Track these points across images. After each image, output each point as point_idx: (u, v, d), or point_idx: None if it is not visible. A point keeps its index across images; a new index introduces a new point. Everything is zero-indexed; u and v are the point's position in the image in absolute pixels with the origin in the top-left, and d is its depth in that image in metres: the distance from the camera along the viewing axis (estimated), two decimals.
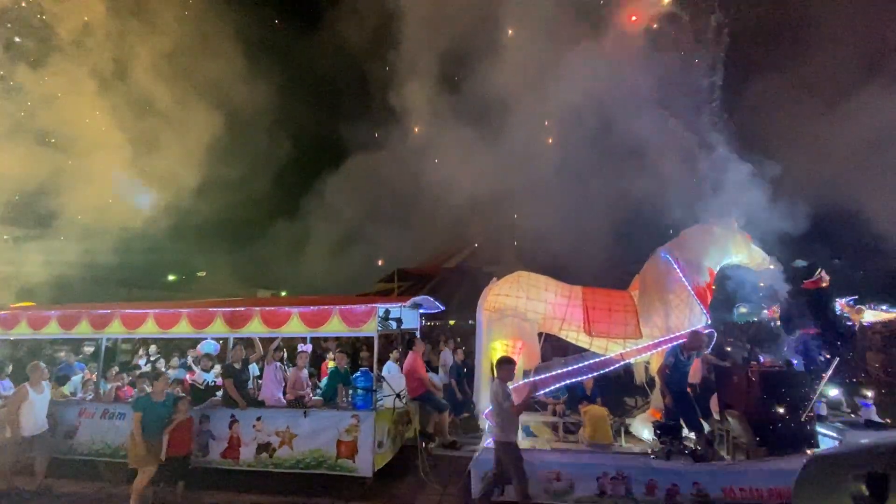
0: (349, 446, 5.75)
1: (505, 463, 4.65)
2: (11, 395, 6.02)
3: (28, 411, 5.91)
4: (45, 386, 6.24)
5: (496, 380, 4.82)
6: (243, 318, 6.41)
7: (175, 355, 8.80)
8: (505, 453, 4.65)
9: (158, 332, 6.73)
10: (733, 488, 4.82)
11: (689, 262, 6.15)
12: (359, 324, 6.07)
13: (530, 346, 6.21)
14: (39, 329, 7.09)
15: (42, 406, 6.09)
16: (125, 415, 6.47)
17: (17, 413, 5.82)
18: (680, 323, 5.87)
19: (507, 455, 4.62)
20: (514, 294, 6.41)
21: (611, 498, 5.02)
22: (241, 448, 6.03)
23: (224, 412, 6.18)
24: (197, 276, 30.03)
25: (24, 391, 5.93)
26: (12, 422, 5.80)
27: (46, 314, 7.12)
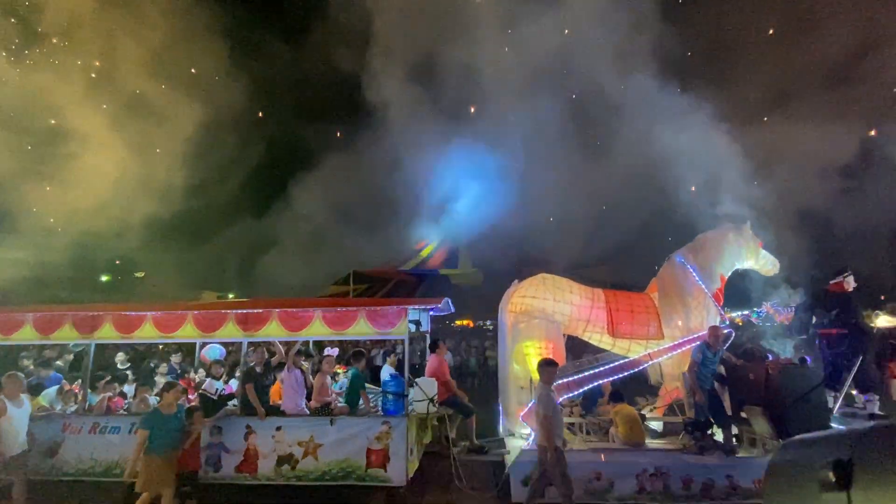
0: (380, 455, 5.49)
1: (550, 467, 4.62)
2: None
3: (7, 428, 5.17)
4: (25, 399, 5.49)
5: (541, 383, 4.80)
6: (259, 321, 5.99)
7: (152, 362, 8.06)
8: (550, 458, 4.63)
9: (159, 336, 6.14)
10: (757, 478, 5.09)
11: (703, 267, 6.47)
12: (388, 326, 5.84)
13: (558, 347, 6.27)
14: (9, 334, 6.25)
15: (22, 422, 5.34)
16: (119, 428, 5.86)
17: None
18: (699, 324, 6.16)
19: (553, 459, 4.60)
20: (542, 296, 6.47)
21: (650, 494, 5.15)
22: (258, 461, 5.60)
23: (238, 422, 5.72)
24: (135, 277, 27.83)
25: (2, 405, 5.19)
26: None
27: (19, 317, 6.29)
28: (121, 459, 5.71)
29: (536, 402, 4.68)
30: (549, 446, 4.48)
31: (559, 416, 4.66)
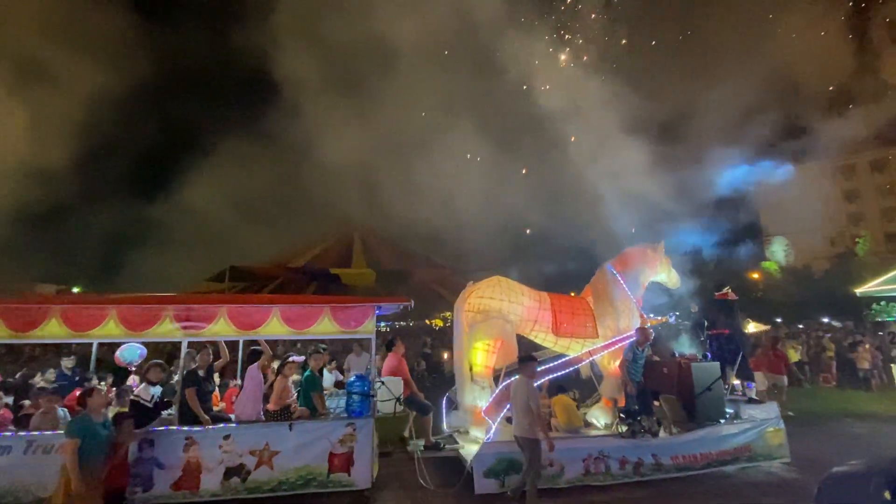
0: (343, 458, 5.30)
1: (530, 456, 4.97)
2: None
3: None
4: None
5: (522, 377, 5.14)
6: (204, 318, 5.34)
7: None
8: (530, 448, 4.98)
9: (69, 334, 5.10)
10: (678, 456, 6.05)
11: (629, 276, 7.46)
12: (355, 324, 5.67)
13: (510, 345, 6.67)
14: None
15: None
16: (9, 449, 4.73)
17: None
18: (627, 325, 7.08)
19: (532, 449, 4.96)
20: (497, 297, 6.82)
21: (594, 475, 5.78)
22: (201, 476, 4.98)
23: (175, 433, 5.02)
24: None
25: None
26: None
27: None
28: (13, 486, 4.64)
29: (525, 397, 4.96)
30: (544, 435, 4.82)
31: (536, 409, 5.01)
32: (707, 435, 6.18)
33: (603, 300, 7.27)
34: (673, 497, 5.45)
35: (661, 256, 7.72)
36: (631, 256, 7.66)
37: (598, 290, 7.44)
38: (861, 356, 12.44)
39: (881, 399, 10.93)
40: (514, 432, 5.15)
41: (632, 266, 7.56)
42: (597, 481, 5.76)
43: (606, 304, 7.23)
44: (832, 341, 14.45)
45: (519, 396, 5.09)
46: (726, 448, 6.22)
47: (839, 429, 8.36)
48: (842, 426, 8.55)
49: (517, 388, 5.15)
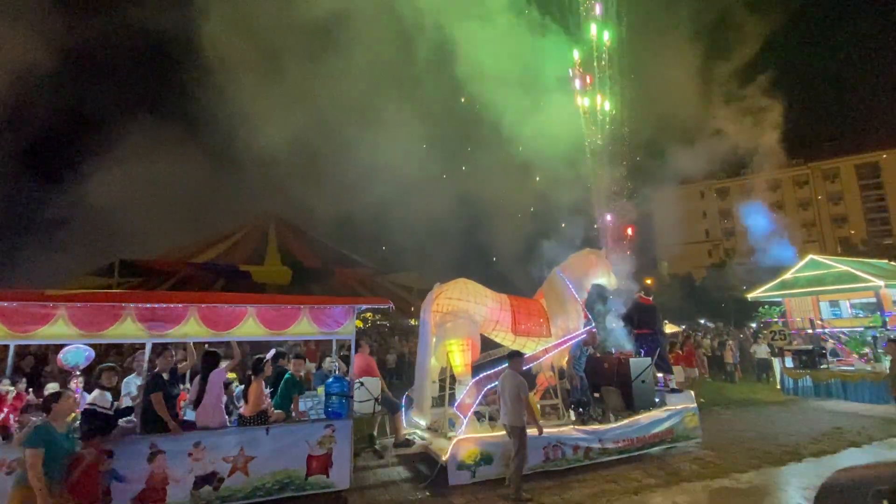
0: (322, 460, 5.25)
1: (516, 445, 5.37)
2: None
3: None
4: None
5: (510, 371, 5.53)
6: (172, 318, 4.97)
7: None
8: (517, 436, 5.38)
9: (8, 335, 4.44)
10: (619, 440, 6.88)
11: (577, 280, 8.26)
12: (335, 325, 5.64)
13: (477, 344, 7.07)
14: None
15: None
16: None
17: None
18: (575, 325, 7.84)
19: (520, 437, 5.37)
20: (465, 298, 7.17)
21: (553, 461, 6.36)
22: (168, 486, 4.64)
23: (137, 443, 4.62)
24: None
25: None
26: None
27: None
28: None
29: (515, 388, 5.35)
30: (535, 424, 5.23)
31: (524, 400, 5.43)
32: (642, 421, 7.11)
33: (554, 302, 7.96)
34: (618, 476, 6.21)
35: (603, 261, 8.64)
36: (578, 262, 8.47)
37: (549, 293, 8.13)
38: (727, 353, 14.89)
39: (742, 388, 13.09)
40: (504, 421, 5.53)
41: (578, 271, 8.37)
42: (555, 466, 6.35)
43: (557, 306, 7.93)
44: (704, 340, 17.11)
45: (508, 388, 5.48)
46: (656, 431, 7.19)
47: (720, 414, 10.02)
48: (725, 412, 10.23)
49: (506, 380, 5.53)
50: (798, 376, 10.89)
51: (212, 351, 5.27)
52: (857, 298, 11.58)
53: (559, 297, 7.99)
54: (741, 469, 6.30)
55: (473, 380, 6.64)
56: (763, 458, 6.75)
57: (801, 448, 7.19)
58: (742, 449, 7.23)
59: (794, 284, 12.34)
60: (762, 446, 7.32)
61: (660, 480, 5.95)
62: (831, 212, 55.87)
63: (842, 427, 8.41)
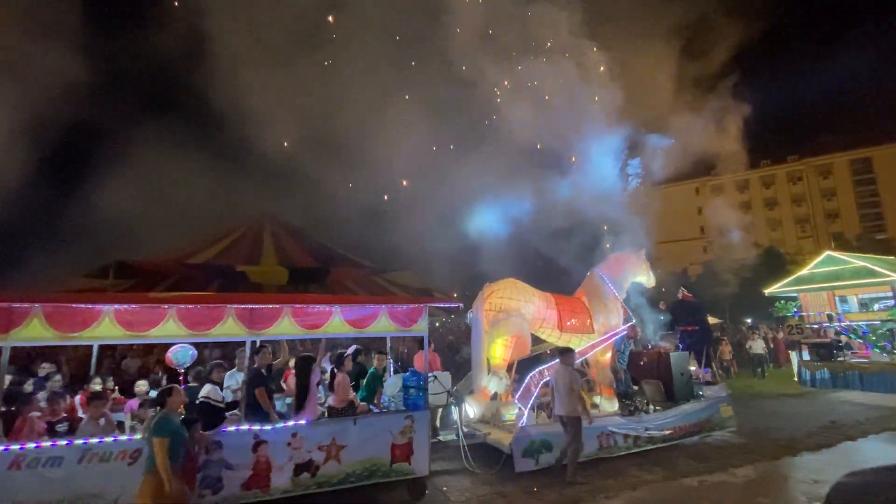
0: (404, 449, 5.64)
1: (572, 434, 5.80)
2: None
3: None
4: None
5: (563, 365, 5.95)
6: (268, 317, 5.33)
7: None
8: (572, 426, 5.81)
9: (125, 335, 4.77)
10: (664, 429, 7.35)
11: (615, 280, 8.70)
12: (409, 323, 6.02)
13: (525, 341, 7.50)
14: None
15: None
16: (60, 459, 4.36)
17: None
18: (616, 322, 8.28)
19: (575, 427, 5.80)
20: (515, 297, 7.58)
21: (606, 449, 6.81)
22: (271, 474, 5.01)
23: (244, 434, 4.98)
24: None
25: None
26: None
27: None
28: (68, 498, 4.30)
29: (568, 381, 5.77)
30: (586, 414, 5.64)
31: (577, 392, 5.85)
32: (683, 411, 7.57)
33: (596, 300, 8.39)
34: (663, 461, 6.67)
35: (642, 261, 9.08)
36: (617, 262, 8.91)
37: (590, 292, 8.55)
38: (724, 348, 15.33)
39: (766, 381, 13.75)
40: (558, 412, 5.96)
41: (617, 270, 8.80)
42: (608, 454, 6.80)
43: (599, 303, 8.36)
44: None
45: (562, 381, 5.90)
46: (695, 421, 7.67)
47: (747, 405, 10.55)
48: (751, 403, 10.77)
49: (560, 374, 5.95)
50: (815, 368, 11.46)
51: (307, 355, 5.62)
52: (874, 293, 12.16)
53: (600, 295, 8.42)
54: (774, 456, 6.76)
55: (528, 374, 7.05)
56: (794, 445, 7.22)
57: (831, 435, 7.70)
58: (772, 437, 7.71)
59: (811, 280, 12.90)
60: (792, 434, 7.82)
61: (705, 465, 6.40)
62: (825, 207, 56.79)
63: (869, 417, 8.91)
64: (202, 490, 4.71)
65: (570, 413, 5.84)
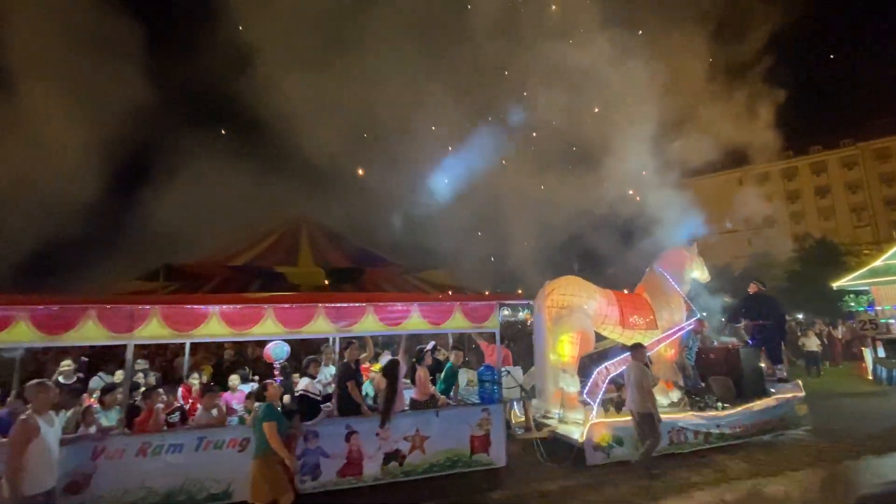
0: (482, 440, 5.86)
1: (646, 429, 5.85)
2: (12, 432, 3.78)
3: (41, 454, 3.86)
4: (54, 416, 4.14)
5: (635, 362, 6.00)
6: (354, 315, 5.65)
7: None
8: (646, 421, 5.86)
9: (231, 333, 5.20)
10: (734, 426, 7.25)
11: (676, 274, 8.60)
12: (481, 320, 6.22)
13: (590, 337, 7.55)
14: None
15: (55, 445, 4.03)
16: (181, 446, 4.80)
17: (21, 458, 3.74)
18: (680, 318, 8.20)
19: (649, 422, 5.84)
20: (577, 293, 7.65)
21: (677, 445, 6.80)
22: (363, 462, 5.34)
23: (337, 424, 5.33)
24: None
25: (33, 423, 3.85)
26: (15, 472, 3.70)
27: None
28: (187, 483, 4.74)
29: (639, 377, 5.82)
30: (654, 410, 5.69)
31: (649, 388, 5.90)
32: (754, 408, 7.44)
33: (658, 296, 8.33)
34: (734, 458, 6.58)
35: (695, 255, 8.93)
36: (674, 257, 8.81)
37: (651, 288, 8.50)
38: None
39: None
40: (630, 408, 6.02)
41: (676, 266, 8.70)
42: (678, 449, 6.79)
43: (662, 299, 8.30)
44: None
45: (633, 377, 5.96)
46: (767, 419, 7.51)
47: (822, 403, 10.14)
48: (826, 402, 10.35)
49: (632, 370, 6.01)
50: (892, 366, 10.91)
51: (394, 359, 5.92)
52: None
53: (663, 291, 8.36)
54: (836, 459, 6.51)
55: (596, 370, 7.12)
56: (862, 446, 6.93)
57: None
58: (845, 438, 7.39)
59: (886, 272, 12.24)
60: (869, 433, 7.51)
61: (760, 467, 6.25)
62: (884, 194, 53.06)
63: None
64: (303, 476, 5.08)
65: (640, 409, 5.89)
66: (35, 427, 3.83)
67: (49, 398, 4.09)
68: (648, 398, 5.90)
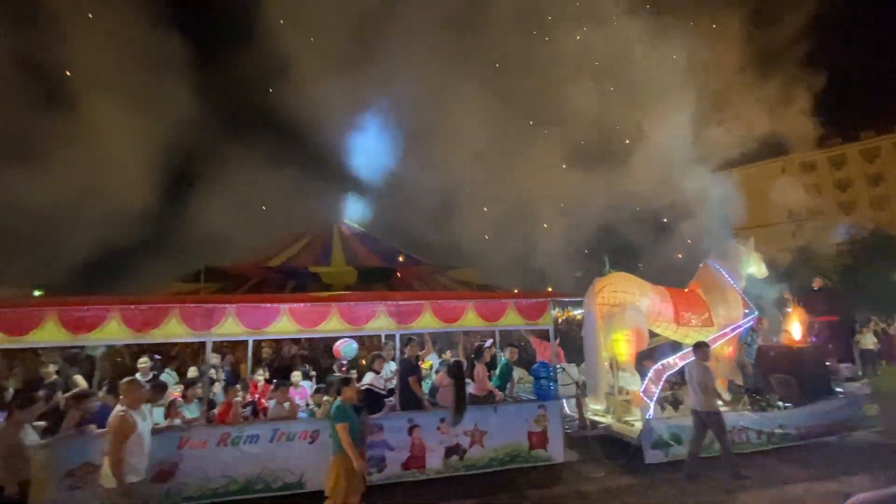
0: (539, 436, 5.91)
1: (716, 427, 5.73)
2: (111, 426, 4.10)
3: (135, 446, 4.16)
4: (146, 410, 4.45)
5: (697, 360, 5.89)
6: (413, 313, 5.80)
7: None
8: (713, 420, 5.74)
9: (298, 330, 5.45)
10: (799, 427, 6.99)
11: (732, 270, 8.35)
12: (535, 317, 6.26)
13: (644, 335, 7.43)
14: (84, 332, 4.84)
15: (148, 437, 4.34)
16: (257, 437, 5.06)
17: (121, 451, 4.04)
18: (737, 315, 7.96)
19: (715, 421, 5.72)
20: (629, 290, 7.54)
21: (738, 444, 6.62)
22: (426, 455, 5.48)
23: (400, 418, 5.49)
24: None
25: (130, 419, 4.15)
26: (118, 464, 4.00)
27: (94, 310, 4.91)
28: (263, 472, 5.00)
29: (702, 376, 5.71)
30: (709, 411, 5.58)
31: (713, 387, 5.78)
32: (818, 408, 7.15)
33: (714, 292, 8.11)
34: (799, 461, 6.35)
35: (752, 250, 8.63)
36: (729, 252, 8.55)
37: (706, 284, 8.28)
38: None
39: None
40: (694, 407, 5.91)
41: (732, 261, 8.45)
42: (740, 449, 6.61)
43: (718, 295, 8.07)
44: None
45: (696, 376, 5.84)
46: (834, 419, 7.20)
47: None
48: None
49: (695, 368, 5.90)
50: None
51: (458, 360, 6.04)
52: None
53: (718, 287, 8.13)
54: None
55: (652, 368, 7.02)
56: None
57: None
58: None
59: None
60: None
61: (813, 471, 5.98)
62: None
63: None
64: (369, 468, 5.26)
65: (705, 408, 5.77)
66: (132, 422, 4.14)
67: (141, 394, 4.41)
68: (714, 397, 5.78)
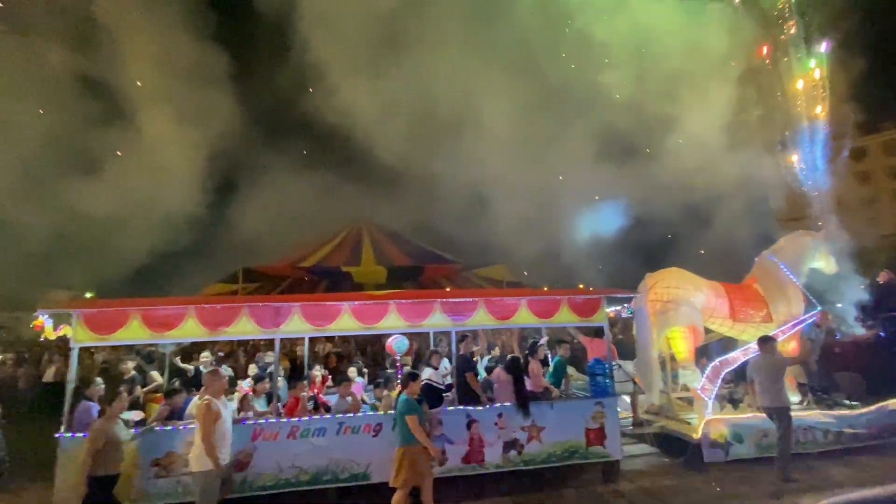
0: (597, 433, 5.88)
1: (780, 424, 5.56)
2: (200, 416, 4.39)
3: (221, 433, 4.46)
4: (227, 401, 4.75)
5: (765, 354, 5.72)
6: (467, 310, 5.91)
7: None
8: (781, 417, 5.56)
9: (359, 327, 5.66)
10: (869, 427, 6.66)
11: (791, 264, 8.01)
12: (589, 314, 6.24)
13: (700, 331, 7.27)
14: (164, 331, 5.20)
15: (230, 425, 4.63)
16: (324, 430, 5.29)
17: (213, 437, 4.33)
18: (798, 311, 7.64)
19: (784, 418, 5.54)
20: (683, 286, 7.39)
21: (803, 444, 6.39)
22: (485, 450, 5.58)
23: (459, 413, 5.61)
24: None
25: (215, 407, 4.43)
26: (212, 449, 4.28)
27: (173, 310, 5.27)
28: (331, 463, 5.22)
29: (770, 371, 5.56)
30: (779, 407, 5.43)
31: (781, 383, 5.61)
32: (889, 407, 6.79)
33: (772, 288, 7.82)
34: (867, 464, 6.05)
35: (820, 244, 8.22)
36: (791, 245, 8.21)
37: (764, 279, 7.99)
38: None
39: None
40: (763, 403, 5.73)
41: (792, 254, 8.10)
42: (806, 449, 6.38)
43: (776, 291, 7.78)
44: None
45: (766, 371, 5.67)
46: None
47: None
48: None
49: (762, 364, 5.73)
50: None
51: (516, 357, 6.12)
52: None
53: (777, 282, 7.84)
54: None
55: (711, 365, 6.86)
56: None
57: None
58: None
59: None
60: None
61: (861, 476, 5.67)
62: None
63: None
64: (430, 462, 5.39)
65: (776, 404, 5.59)
66: (218, 410, 4.43)
67: (223, 384, 4.72)
68: (784, 392, 5.60)
